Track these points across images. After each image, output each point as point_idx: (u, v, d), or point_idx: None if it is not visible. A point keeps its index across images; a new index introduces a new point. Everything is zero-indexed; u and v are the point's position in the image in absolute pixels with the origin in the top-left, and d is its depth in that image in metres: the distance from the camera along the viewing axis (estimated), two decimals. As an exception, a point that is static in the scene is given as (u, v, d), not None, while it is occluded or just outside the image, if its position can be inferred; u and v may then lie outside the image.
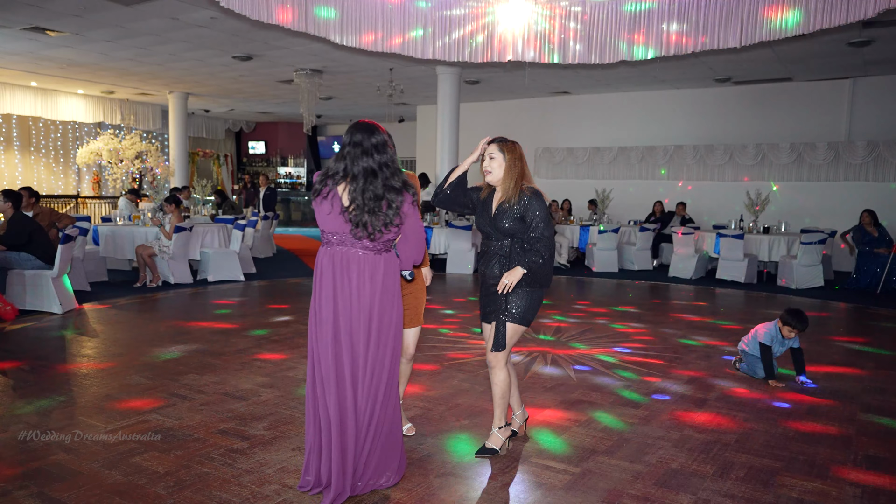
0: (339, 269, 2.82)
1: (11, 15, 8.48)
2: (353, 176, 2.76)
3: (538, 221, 3.16)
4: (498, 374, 3.33)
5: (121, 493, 2.91)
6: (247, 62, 11.14)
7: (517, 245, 3.23)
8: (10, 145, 14.82)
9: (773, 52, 9.67)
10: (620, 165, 13.88)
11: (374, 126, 2.82)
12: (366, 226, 2.75)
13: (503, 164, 3.22)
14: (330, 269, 2.83)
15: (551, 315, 7.16)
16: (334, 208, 2.78)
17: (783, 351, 4.88)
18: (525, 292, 3.24)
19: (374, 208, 2.75)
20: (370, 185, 2.74)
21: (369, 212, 2.74)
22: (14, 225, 6.74)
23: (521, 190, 3.21)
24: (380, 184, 2.75)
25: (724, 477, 3.19)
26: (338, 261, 2.82)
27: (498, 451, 3.39)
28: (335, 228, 2.81)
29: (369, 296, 2.83)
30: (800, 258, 9.44)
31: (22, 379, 4.64)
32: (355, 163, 2.75)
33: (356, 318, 2.83)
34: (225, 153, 20.08)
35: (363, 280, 2.82)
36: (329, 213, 2.79)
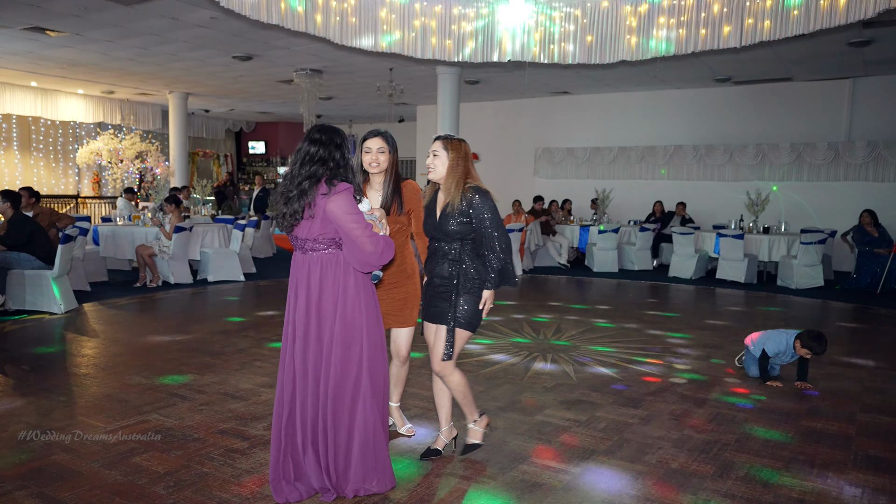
0: (294, 273, 2.86)
1: (11, 15, 8.48)
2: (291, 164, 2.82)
3: (488, 223, 3.07)
4: (451, 379, 3.22)
5: (121, 493, 2.91)
6: (247, 62, 11.14)
7: (468, 247, 3.12)
8: (9, 145, 14.82)
9: (773, 52, 9.67)
10: (620, 165, 13.88)
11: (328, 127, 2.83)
12: (282, 216, 2.77)
13: (446, 161, 3.12)
14: (294, 275, 2.87)
15: (551, 315, 7.16)
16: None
17: (790, 361, 4.85)
18: (474, 298, 3.13)
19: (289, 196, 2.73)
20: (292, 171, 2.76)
21: (286, 200, 2.75)
22: (14, 225, 6.74)
23: (464, 190, 3.09)
24: (301, 171, 2.73)
25: (725, 477, 3.19)
26: (297, 265, 2.86)
27: (481, 444, 3.39)
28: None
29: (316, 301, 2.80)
30: (800, 258, 9.45)
31: (22, 378, 4.64)
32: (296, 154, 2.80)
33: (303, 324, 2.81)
34: (225, 153, 20.07)
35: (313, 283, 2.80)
36: None
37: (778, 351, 4.78)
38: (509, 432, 3.71)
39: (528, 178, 15.04)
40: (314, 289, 2.79)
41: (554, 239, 11.61)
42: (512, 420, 3.91)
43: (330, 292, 2.79)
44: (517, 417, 3.95)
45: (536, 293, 8.81)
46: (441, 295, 3.16)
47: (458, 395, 3.28)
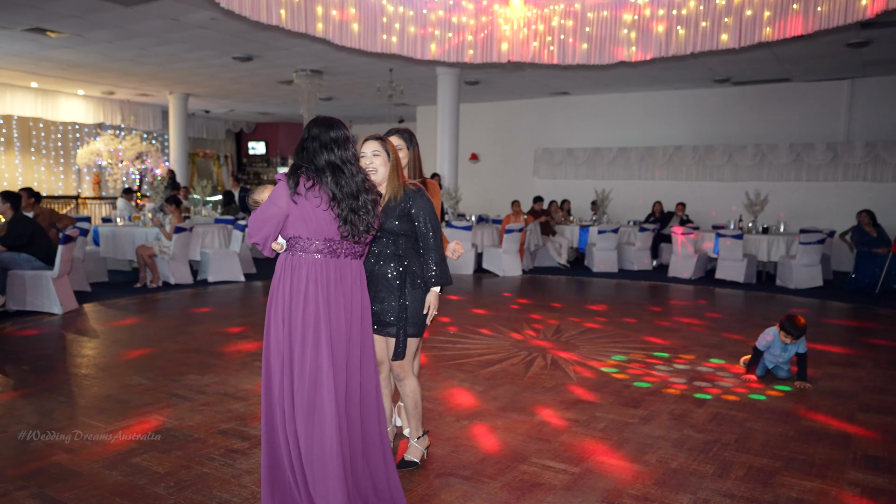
0: (334, 283, 2.58)
1: (12, 16, 8.48)
2: (319, 170, 2.55)
3: (425, 222, 2.97)
4: (407, 384, 3.13)
5: (121, 493, 2.91)
6: (247, 63, 11.15)
7: (410, 243, 3.03)
8: (10, 146, 14.82)
9: (771, 53, 9.68)
10: (620, 166, 13.89)
11: (336, 120, 2.62)
12: (352, 225, 2.56)
13: (387, 161, 2.94)
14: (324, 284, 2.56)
15: (551, 315, 7.17)
16: (322, 202, 2.54)
17: (787, 357, 4.86)
18: (420, 298, 3.01)
19: (356, 207, 2.57)
20: (342, 181, 2.55)
21: (353, 210, 2.56)
22: (14, 226, 6.75)
23: (403, 186, 2.99)
24: (353, 182, 2.57)
25: (724, 476, 3.20)
26: (332, 271, 2.58)
27: (418, 463, 3.23)
28: (321, 232, 2.56)
29: (361, 308, 2.69)
30: (799, 258, 9.45)
31: (22, 379, 4.65)
32: (316, 157, 2.55)
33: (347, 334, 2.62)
34: (225, 154, 20.08)
35: (356, 289, 2.66)
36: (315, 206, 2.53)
37: (767, 343, 4.82)
38: (509, 432, 3.72)
39: (527, 178, 15.06)
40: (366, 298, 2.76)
41: (553, 239, 11.62)
42: (512, 420, 3.92)
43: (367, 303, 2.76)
44: (517, 417, 3.96)
45: (536, 293, 8.82)
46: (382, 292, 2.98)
47: (409, 403, 3.18)
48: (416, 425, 3.25)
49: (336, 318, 2.58)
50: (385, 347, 3.11)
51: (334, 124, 2.61)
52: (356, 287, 2.68)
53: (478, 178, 15.40)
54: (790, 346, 4.79)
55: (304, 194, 2.53)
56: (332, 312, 2.58)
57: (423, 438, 3.30)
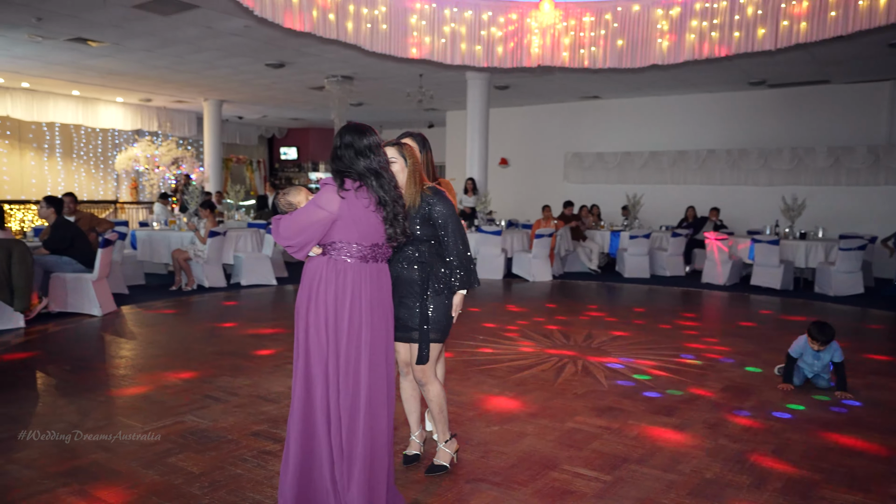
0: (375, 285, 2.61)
1: (55, 26, 8.76)
2: (362, 174, 2.56)
3: (447, 225, 2.98)
4: (430, 388, 3.12)
5: (158, 492, 2.97)
6: (279, 69, 11.32)
7: (433, 248, 3.03)
8: (52, 152, 15.28)
9: (809, 55, 9.48)
10: (652, 170, 13.72)
11: (367, 127, 2.63)
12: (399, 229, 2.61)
13: (405, 167, 2.94)
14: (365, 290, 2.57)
15: (582, 321, 7.11)
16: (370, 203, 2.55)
17: (822, 365, 4.73)
18: (442, 303, 3.04)
19: (397, 211, 2.60)
20: (386, 185, 2.58)
21: (395, 215, 2.60)
22: (57, 230, 6.95)
23: (423, 191, 2.98)
24: (390, 185, 2.61)
25: (761, 488, 3.13)
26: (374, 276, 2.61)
27: (447, 467, 3.23)
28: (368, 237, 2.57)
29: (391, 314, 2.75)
30: (838, 265, 9.21)
31: (64, 379, 4.78)
32: (355, 163, 2.56)
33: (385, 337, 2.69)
34: (258, 159, 20.40)
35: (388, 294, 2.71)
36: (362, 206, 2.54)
37: (799, 350, 4.73)
38: (540, 439, 3.69)
39: (557, 183, 14.97)
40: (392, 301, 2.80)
41: (584, 244, 11.53)
42: (542, 427, 3.89)
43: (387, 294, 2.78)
44: (548, 424, 3.93)
45: (566, 299, 8.75)
46: (408, 299, 3.02)
47: (434, 408, 3.17)
48: (443, 429, 3.25)
49: (378, 323, 2.62)
50: (409, 352, 3.13)
51: (366, 131, 2.61)
52: (389, 291, 2.75)
53: (507, 182, 15.36)
54: (822, 353, 4.68)
55: (354, 194, 2.53)
56: (376, 318, 2.61)
57: (452, 442, 3.30)
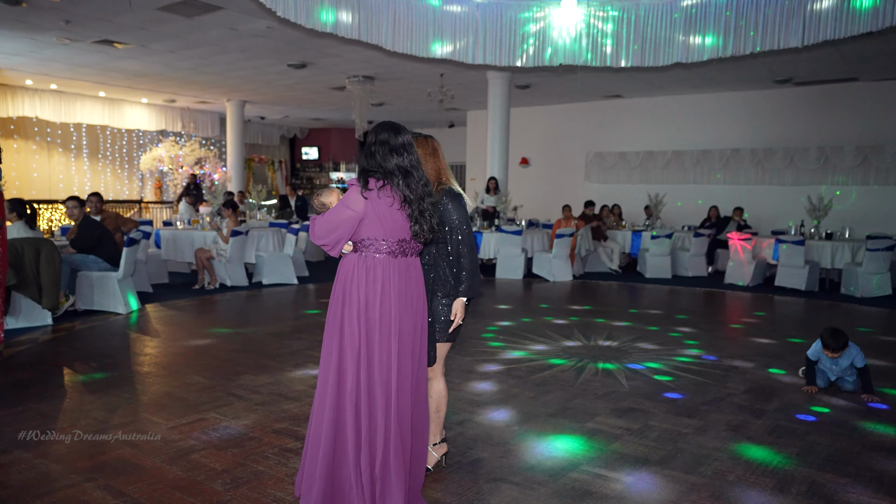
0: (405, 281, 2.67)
1: (82, 29, 8.93)
2: (390, 173, 2.60)
3: (457, 228, 2.93)
4: (434, 384, 3.12)
5: (181, 488, 3.01)
6: (301, 70, 11.41)
7: (441, 250, 2.99)
8: (79, 153, 15.58)
9: (837, 52, 9.31)
10: (674, 170, 13.59)
11: (400, 126, 2.69)
12: (421, 226, 2.63)
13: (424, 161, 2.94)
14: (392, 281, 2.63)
15: (602, 321, 7.06)
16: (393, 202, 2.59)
17: (841, 369, 4.63)
18: (449, 302, 3.01)
19: (423, 209, 2.63)
20: (413, 183, 2.61)
21: (420, 212, 2.63)
22: (83, 229, 7.08)
23: (437, 191, 2.94)
24: (419, 184, 2.63)
25: (785, 492, 3.08)
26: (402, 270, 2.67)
27: (429, 469, 3.17)
28: (394, 233, 2.62)
29: (423, 305, 2.78)
30: (865, 265, 9.04)
31: (90, 376, 4.86)
32: (386, 161, 2.61)
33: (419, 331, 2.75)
34: (279, 159, 20.58)
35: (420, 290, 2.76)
36: (387, 206, 2.59)
37: (816, 353, 4.68)
38: (560, 439, 3.68)
39: (578, 182, 14.89)
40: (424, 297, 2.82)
41: (605, 244, 11.45)
42: (562, 426, 3.87)
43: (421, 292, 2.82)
44: (567, 424, 3.91)
45: (587, 299, 8.70)
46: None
47: (432, 404, 3.13)
48: (436, 430, 3.19)
49: (406, 314, 2.68)
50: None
51: (401, 130, 2.68)
52: (420, 284, 2.78)
53: (528, 182, 15.32)
54: (839, 359, 4.60)
55: (377, 194, 2.59)
56: (404, 309, 2.67)
57: (441, 445, 3.23)
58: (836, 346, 4.55)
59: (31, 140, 14.63)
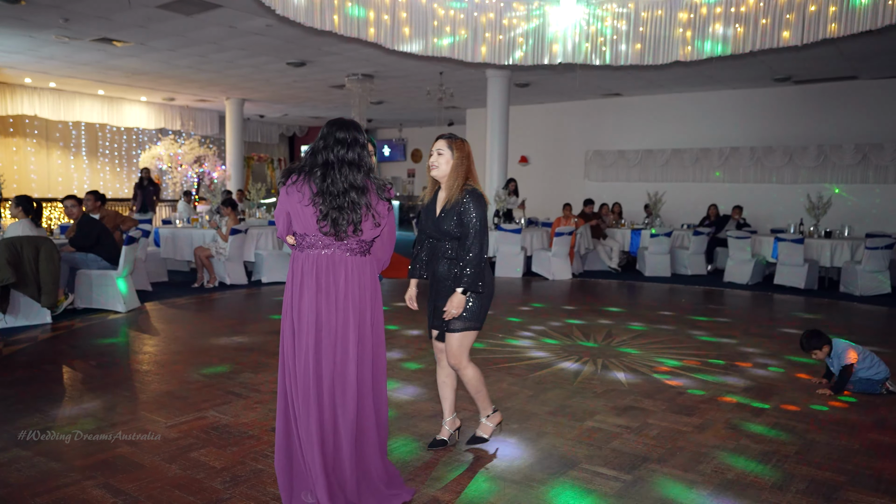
0: (325, 274, 2.68)
1: (81, 27, 8.91)
2: (311, 167, 2.67)
3: (473, 227, 3.08)
4: (465, 373, 3.30)
5: (180, 486, 3.01)
6: (300, 68, 11.39)
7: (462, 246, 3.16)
8: (78, 151, 15.56)
9: (837, 50, 9.31)
10: (674, 168, 13.59)
11: (349, 123, 2.73)
12: (334, 222, 2.63)
13: (451, 160, 3.16)
14: (313, 276, 2.68)
15: (601, 319, 7.07)
16: (303, 198, 2.65)
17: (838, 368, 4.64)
18: (475, 295, 3.19)
19: (339, 205, 2.62)
20: (329, 179, 2.63)
21: (335, 207, 2.62)
22: (82, 227, 7.07)
23: (462, 190, 3.14)
24: (339, 179, 2.63)
25: (784, 490, 3.09)
26: (323, 265, 2.69)
27: (487, 439, 3.49)
28: (305, 226, 2.68)
29: (358, 299, 2.73)
30: (865, 264, 9.04)
31: (89, 374, 4.86)
32: (317, 155, 2.68)
33: (344, 325, 2.69)
34: (279, 157, 20.56)
35: (351, 283, 2.71)
36: (296, 201, 2.66)
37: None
38: (559, 437, 3.68)
39: (578, 180, 14.89)
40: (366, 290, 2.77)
41: (604, 243, 11.45)
42: (562, 425, 3.88)
43: (378, 292, 2.85)
44: (567, 423, 3.92)
45: (586, 297, 8.70)
46: (443, 294, 3.23)
47: (472, 389, 3.37)
48: (484, 405, 3.45)
49: (327, 310, 2.69)
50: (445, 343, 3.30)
51: (346, 126, 2.72)
52: (351, 283, 2.72)
53: (528, 180, 15.30)
54: (830, 360, 4.65)
55: (287, 190, 2.69)
56: (324, 304, 2.68)
57: (494, 416, 3.49)
58: (807, 346, 4.68)
59: (29, 138, 14.61)
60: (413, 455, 3.41)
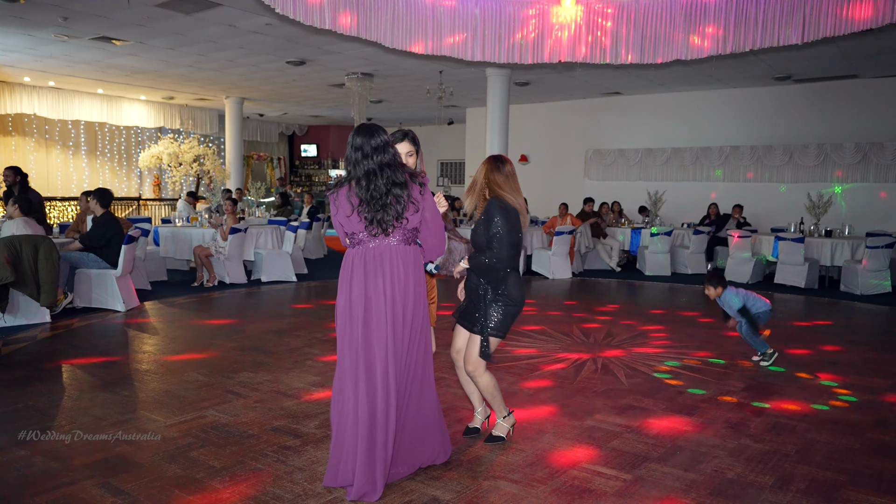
0: (372, 265, 2.91)
1: (81, 26, 8.89)
2: (357, 178, 2.89)
3: (495, 230, 3.25)
4: (480, 380, 3.44)
5: (180, 485, 3.01)
6: (300, 67, 11.38)
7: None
8: (77, 150, 15.54)
9: (837, 49, 9.30)
10: (674, 167, 13.58)
11: (375, 128, 2.95)
12: (380, 223, 2.88)
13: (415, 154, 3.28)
14: (361, 266, 2.92)
15: (601, 318, 7.06)
16: (344, 209, 2.92)
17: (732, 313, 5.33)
18: (500, 307, 3.34)
19: (384, 205, 2.87)
20: (373, 185, 2.87)
21: (379, 208, 2.87)
22: (99, 227, 7.00)
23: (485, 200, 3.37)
24: (382, 183, 2.87)
25: (784, 489, 3.08)
26: (370, 257, 2.92)
27: (504, 438, 3.56)
28: (353, 229, 2.94)
29: (403, 285, 2.93)
30: (866, 263, 9.03)
31: (89, 373, 4.86)
32: (357, 167, 2.90)
33: (391, 311, 2.90)
34: (278, 156, 20.54)
35: (397, 271, 2.92)
36: (342, 214, 2.92)
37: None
38: (559, 437, 3.68)
39: (578, 179, 14.88)
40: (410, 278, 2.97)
41: (604, 242, 11.44)
42: (561, 424, 3.87)
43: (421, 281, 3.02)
44: (567, 422, 3.91)
45: (586, 296, 8.70)
46: (477, 303, 3.39)
47: (487, 395, 3.50)
48: (500, 408, 3.56)
49: (375, 294, 2.89)
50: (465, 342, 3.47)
51: (375, 131, 2.93)
52: (396, 269, 2.93)
53: (528, 179, 15.25)
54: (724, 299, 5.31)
55: (336, 204, 2.94)
56: (371, 289, 2.90)
57: (509, 417, 3.59)
58: (706, 280, 5.41)
59: (29, 137, 14.59)
60: (413, 454, 3.40)
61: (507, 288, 3.32)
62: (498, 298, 3.33)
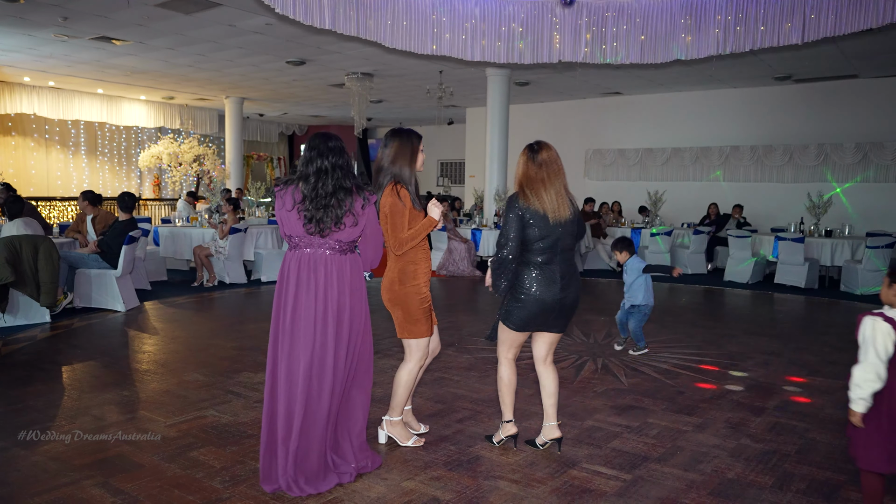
0: (305, 272, 2.94)
1: (80, 26, 8.89)
2: (306, 176, 2.95)
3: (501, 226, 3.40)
4: (499, 368, 3.52)
5: (180, 485, 3.01)
6: (300, 67, 11.38)
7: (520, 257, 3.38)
8: (77, 150, 15.53)
9: (837, 48, 9.30)
10: (674, 167, 13.58)
11: (333, 135, 3.05)
12: (318, 222, 2.90)
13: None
14: (295, 272, 2.95)
15: (601, 318, 7.06)
16: (286, 204, 2.94)
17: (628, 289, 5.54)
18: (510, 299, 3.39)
19: (326, 205, 2.90)
20: (320, 183, 2.92)
21: (321, 207, 2.90)
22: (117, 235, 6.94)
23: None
24: (330, 183, 2.92)
25: (784, 489, 3.08)
26: (304, 263, 2.95)
27: (493, 441, 3.55)
28: (292, 230, 2.95)
29: (337, 295, 2.95)
30: (865, 263, 9.04)
31: (88, 373, 4.86)
32: (309, 165, 2.96)
33: (321, 320, 2.92)
34: (278, 156, 20.54)
35: (331, 280, 2.95)
36: (284, 208, 2.94)
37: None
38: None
39: (578, 179, 14.86)
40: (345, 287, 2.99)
41: (604, 241, 11.45)
42: (562, 424, 3.86)
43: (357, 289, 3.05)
44: (567, 422, 3.91)
45: (586, 296, 8.70)
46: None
47: (498, 387, 3.52)
48: (503, 409, 3.52)
49: (306, 303, 2.93)
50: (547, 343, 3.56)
51: (334, 136, 3.04)
52: (330, 279, 2.96)
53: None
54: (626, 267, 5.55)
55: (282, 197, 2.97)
56: (303, 297, 2.93)
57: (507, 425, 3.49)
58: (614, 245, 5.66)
59: (28, 137, 14.58)
60: (414, 454, 3.41)
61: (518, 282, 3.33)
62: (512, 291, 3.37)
